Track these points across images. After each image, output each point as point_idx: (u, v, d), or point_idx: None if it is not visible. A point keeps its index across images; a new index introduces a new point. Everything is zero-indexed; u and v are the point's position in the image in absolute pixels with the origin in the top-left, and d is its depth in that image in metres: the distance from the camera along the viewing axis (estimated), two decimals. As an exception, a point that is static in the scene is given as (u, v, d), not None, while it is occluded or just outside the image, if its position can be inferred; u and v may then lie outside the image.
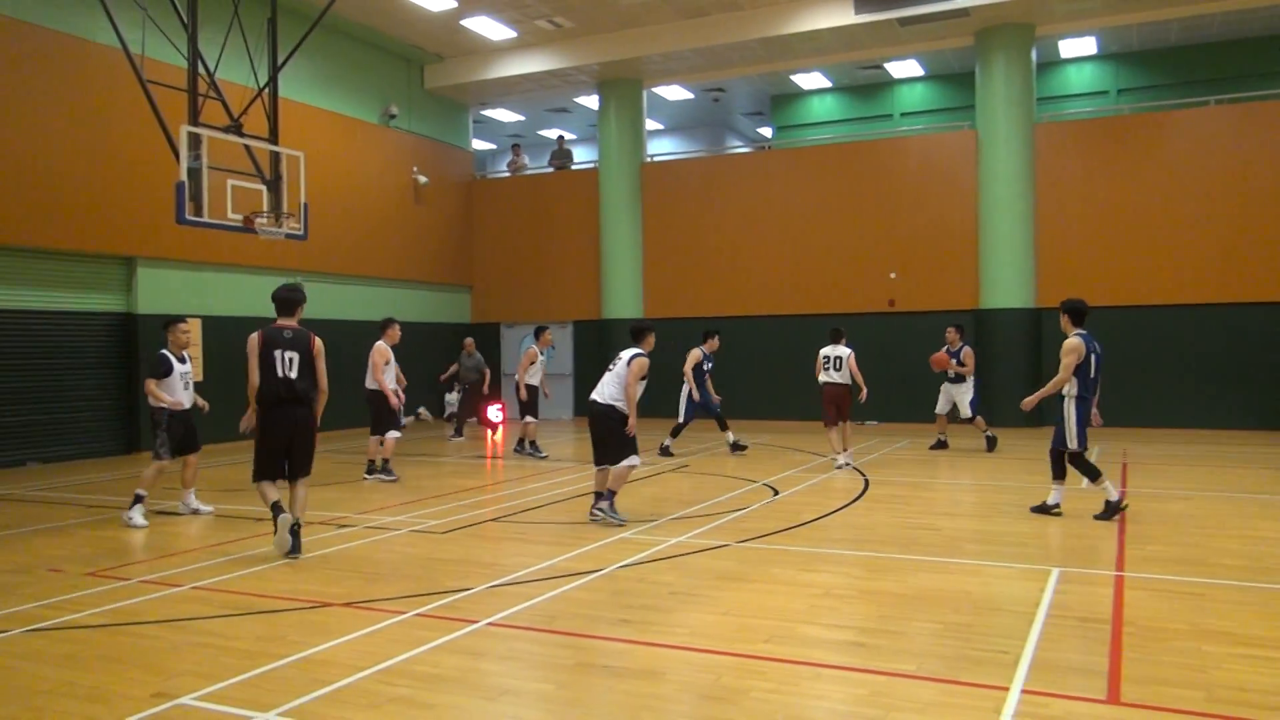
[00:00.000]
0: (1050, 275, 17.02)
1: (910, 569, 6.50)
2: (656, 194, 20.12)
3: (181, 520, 8.94)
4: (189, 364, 9.18)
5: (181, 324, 9.19)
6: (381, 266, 19.02)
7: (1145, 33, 18.62)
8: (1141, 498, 9.39)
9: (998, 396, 16.99)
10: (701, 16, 17.73)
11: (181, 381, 9.02)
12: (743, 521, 8.36)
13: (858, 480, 10.80)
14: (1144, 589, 5.91)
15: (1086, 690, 4.14)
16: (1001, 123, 17.02)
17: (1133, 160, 16.76)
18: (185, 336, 9.12)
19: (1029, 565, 6.61)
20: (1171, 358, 16.39)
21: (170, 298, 14.88)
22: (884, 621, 5.25)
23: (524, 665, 4.72)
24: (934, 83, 21.84)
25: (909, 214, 18.08)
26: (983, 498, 9.59)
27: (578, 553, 7.12)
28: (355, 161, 18.37)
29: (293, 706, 4.08)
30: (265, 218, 11.13)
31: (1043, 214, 17.14)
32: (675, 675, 4.45)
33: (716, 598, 5.81)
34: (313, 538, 7.82)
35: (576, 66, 19.07)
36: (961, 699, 4.07)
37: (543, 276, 21.18)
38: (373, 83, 19.02)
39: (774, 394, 18.62)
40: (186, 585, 6.30)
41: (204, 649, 4.90)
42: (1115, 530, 7.76)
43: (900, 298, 18.10)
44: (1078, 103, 20.12)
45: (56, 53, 13.21)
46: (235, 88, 12.03)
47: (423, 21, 17.84)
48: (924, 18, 16.36)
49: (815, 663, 4.59)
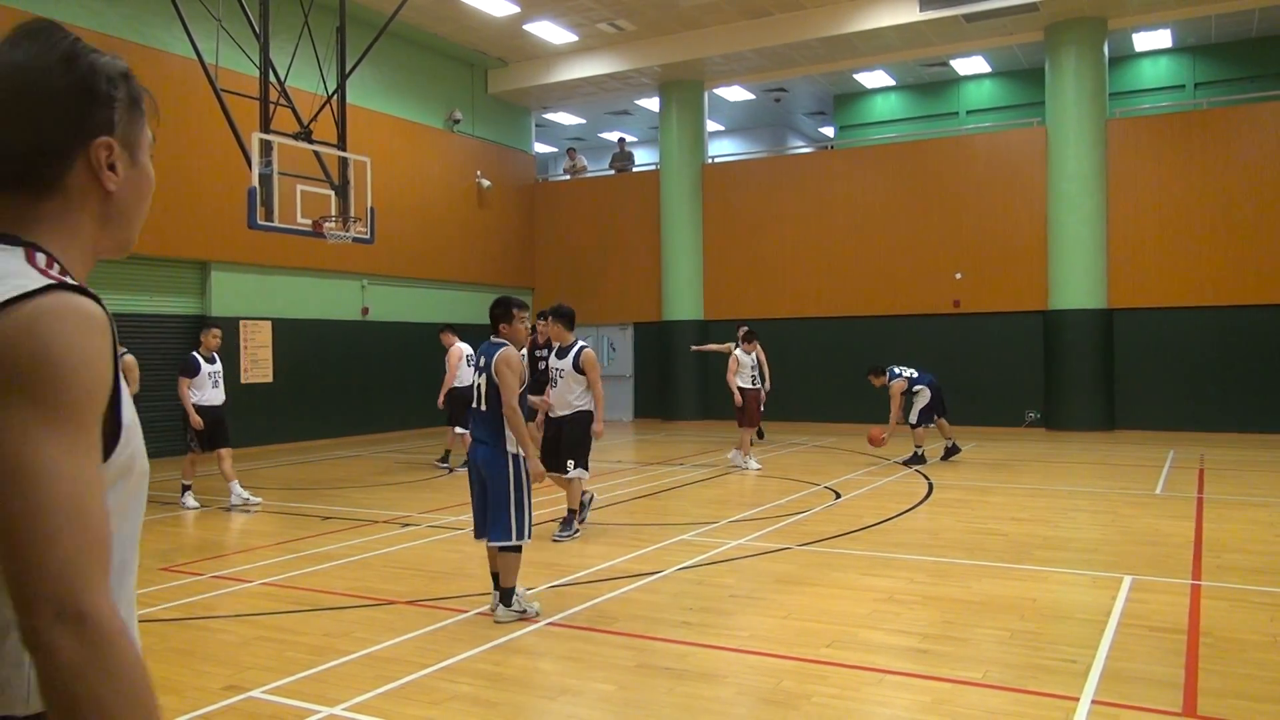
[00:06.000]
0: (1122, 275, 16.57)
1: (975, 574, 6.38)
2: (717, 195, 20.07)
3: (251, 518, 9.18)
4: (218, 363, 9.88)
5: (214, 329, 10.00)
6: (445, 269, 19.28)
7: (1224, 24, 18.02)
8: (1219, 504, 9.09)
9: (1067, 399, 16.62)
10: (763, 17, 17.63)
11: (210, 380, 9.74)
12: (804, 524, 8.29)
13: (921, 484, 10.64)
14: (1221, 598, 5.72)
15: (1160, 702, 4.02)
16: (1072, 119, 16.62)
17: (1210, 156, 16.23)
18: (215, 340, 9.89)
19: (1100, 572, 6.44)
20: (1252, 360, 15.82)
21: (242, 301, 15.28)
22: (948, 628, 5.17)
23: (584, 665, 4.74)
24: (1001, 79, 21.42)
25: (975, 213, 17.76)
26: (1051, 502, 9.37)
27: (638, 554, 7.14)
28: (420, 166, 18.66)
29: (358, 701, 4.16)
30: (333, 222, 11.37)
31: (1115, 212, 16.70)
32: (735, 678, 4.44)
33: (777, 601, 5.77)
34: (377, 536, 7.97)
35: (637, 69, 19.12)
36: (1029, 708, 3.98)
37: (604, 278, 21.27)
38: (437, 88, 19.30)
39: (837, 397, 18.43)
40: (256, 581, 6.46)
41: (273, 644, 5.02)
42: (1191, 538, 7.53)
43: (966, 299, 17.79)
44: (1152, 97, 19.55)
45: (136, 64, 13.28)
46: (305, 95, 12.32)
47: (486, 27, 18.05)
48: (991, 13, 16.04)
49: (877, 668, 4.54)
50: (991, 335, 17.47)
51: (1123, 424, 16.48)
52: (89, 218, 1.25)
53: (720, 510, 9.07)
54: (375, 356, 17.41)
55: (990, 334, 17.46)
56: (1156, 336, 16.34)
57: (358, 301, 17.35)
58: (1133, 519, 8.39)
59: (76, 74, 1.20)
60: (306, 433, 15.93)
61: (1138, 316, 16.48)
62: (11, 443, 1.04)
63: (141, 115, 1.30)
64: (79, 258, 1.25)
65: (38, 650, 1.03)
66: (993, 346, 17.47)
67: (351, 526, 8.46)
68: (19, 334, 1.06)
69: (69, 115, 1.20)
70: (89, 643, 1.03)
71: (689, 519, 8.57)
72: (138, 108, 1.29)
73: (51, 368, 1.07)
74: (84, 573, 1.04)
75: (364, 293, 17.44)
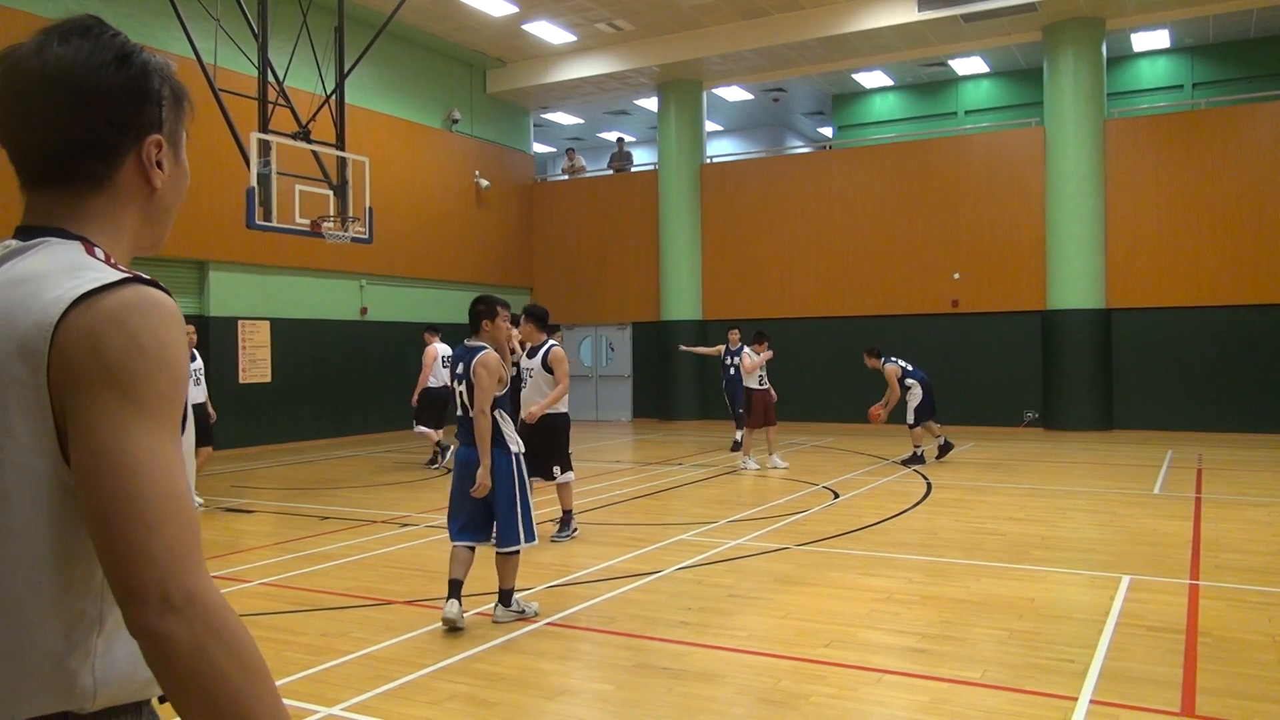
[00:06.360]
0: (1120, 275, 16.59)
1: (974, 574, 6.38)
2: (716, 195, 20.07)
3: (250, 518, 9.17)
4: (198, 360, 9.68)
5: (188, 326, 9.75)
6: (444, 269, 19.28)
7: (1222, 24, 18.04)
8: (1217, 504, 9.10)
9: (1065, 399, 16.63)
10: (761, 17, 17.63)
11: (192, 378, 9.52)
12: (802, 524, 8.30)
13: (920, 484, 10.64)
14: (1219, 598, 5.72)
15: (1159, 702, 4.02)
16: (1070, 119, 16.63)
17: (1209, 156, 16.25)
18: (191, 337, 9.79)
19: (1098, 572, 6.44)
20: (1250, 360, 15.84)
21: (240, 300, 15.27)
22: (946, 627, 5.17)
23: (583, 665, 4.74)
24: (999, 79, 21.44)
25: (973, 213, 17.77)
26: (1049, 502, 9.37)
27: (637, 554, 7.14)
28: (418, 166, 18.65)
29: (356, 702, 4.16)
30: (331, 222, 11.37)
31: (1113, 212, 16.71)
32: (734, 678, 4.44)
33: (776, 601, 5.77)
34: (375, 536, 7.96)
35: (636, 69, 19.11)
36: (1027, 708, 3.99)
37: (602, 278, 21.27)
38: (436, 88, 19.30)
39: (835, 397, 18.43)
40: (255, 581, 6.46)
41: (271, 643, 5.02)
42: (1189, 537, 7.54)
43: (964, 299, 17.80)
44: (1151, 98, 19.57)
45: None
46: (303, 95, 12.31)
47: (485, 27, 18.05)
48: (989, 13, 16.04)
49: (876, 668, 4.54)
50: (990, 335, 17.48)
51: (1121, 424, 16.49)
52: (134, 214, 1.28)
53: (719, 510, 9.07)
54: (374, 356, 17.40)
55: (988, 334, 17.47)
56: (1154, 336, 16.35)
57: (356, 301, 17.35)
58: (1131, 519, 8.40)
59: (131, 73, 1.22)
60: (305, 432, 15.92)
61: (1136, 316, 16.50)
62: (109, 434, 1.06)
63: (184, 113, 1.32)
64: (123, 254, 1.27)
65: (152, 637, 1.05)
66: (991, 346, 17.48)
67: (350, 526, 8.46)
68: (108, 326, 1.08)
69: (123, 114, 1.22)
70: (203, 621, 1.05)
71: (688, 519, 8.57)
72: (180, 105, 1.31)
73: (142, 359, 1.09)
74: (187, 556, 1.07)
75: (362, 293, 17.44)
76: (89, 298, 1.09)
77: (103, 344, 1.08)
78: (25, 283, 1.13)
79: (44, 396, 1.09)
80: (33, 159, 1.22)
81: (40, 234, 1.20)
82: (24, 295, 1.11)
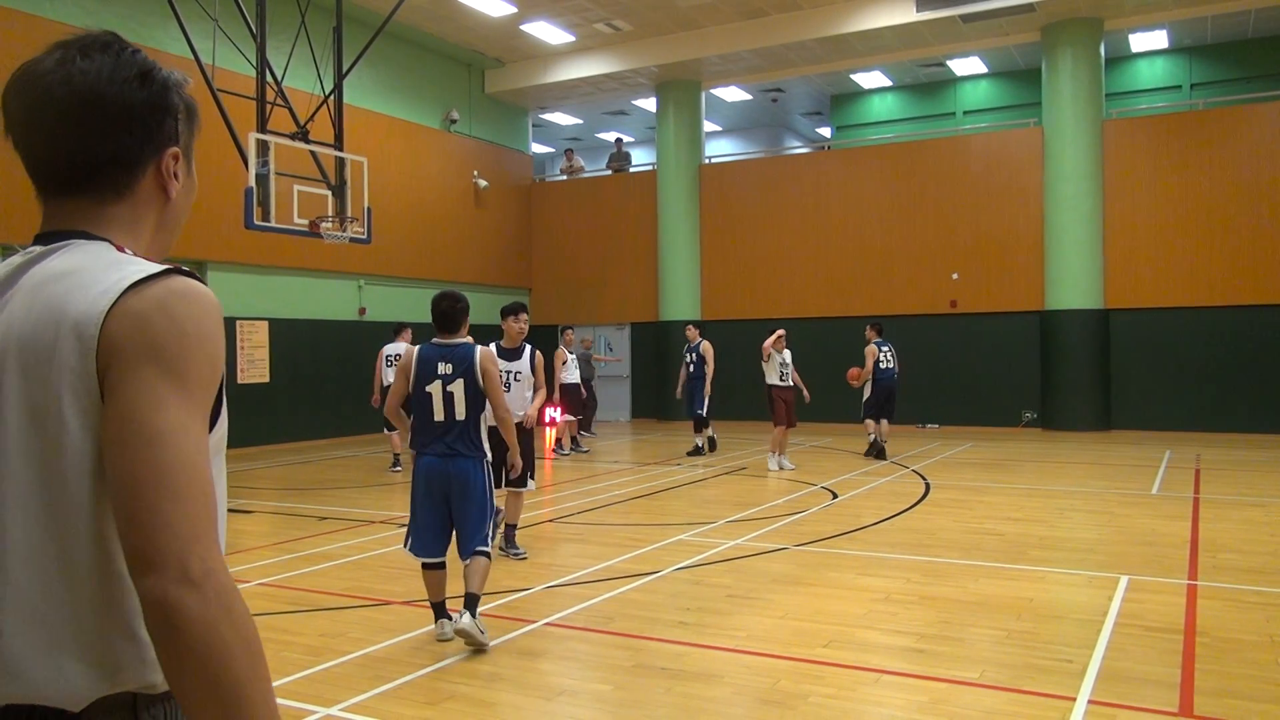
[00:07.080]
0: (1119, 275, 16.60)
1: (972, 574, 6.39)
2: (714, 195, 20.07)
3: (249, 518, 9.17)
4: None
5: None
6: (442, 269, 19.27)
7: (1220, 25, 18.05)
8: (1215, 504, 9.11)
9: (1063, 399, 16.64)
10: (760, 17, 17.64)
11: None
12: (801, 524, 8.30)
13: (918, 484, 10.65)
14: (1217, 598, 5.73)
15: (1157, 702, 4.03)
16: (1068, 119, 16.64)
17: (1207, 156, 16.26)
18: None
19: (1096, 572, 6.45)
20: (1248, 360, 15.85)
21: (239, 301, 15.26)
22: (944, 628, 5.17)
23: (581, 666, 4.74)
24: (998, 80, 21.45)
25: (972, 213, 17.79)
26: (1048, 502, 9.38)
27: (635, 554, 7.14)
28: (417, 166, 18.65)
29: (355, 702, 4.16)
30: (330, 222, 11.37)
31: (1111, 212, 16.72)
32: (732, 678, 4.44)
33: (774, 601, 5.78)
34: (373, 537, 7.96)
35: (634, 69, 19.12)
36: (1025, 708, 3.99)
37: (601, 278, 21.27)
38: (434, 88, 19.29)
39: (834, 397, 18.42)
40: (254, 582, 6.45)
41: (270, 644, 5.01)
42: (1187, 538, 7.55)
43: (963, 299, 17.81)
44: (1149, 98, 19.58)
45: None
46: (302, 95, 12.30)
47: (483, 27, 18.04)
48: (988, 14, 16.06)
49: (874, 668, 4.54)
50: (988, 335, 17.49)
51: (1119, 424, 16.50)
52: (151, 221, 1.35)
53: (717, 510, 9.08)
54: (372, 356, 17.31)
55: (987, 334, 17.49)
56: (1153, 336, 16.36)
57: (355, 301, 17.34)
58: (1129, 519, 8.40)
59: (154, 89, 1.29)
60: (304, 433, 15.91)
61: (1134, 317, 16.51)
62: (146, 406, 1.12)
63: (196, 126, 1.39)
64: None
65: (165, 607, 1.07)
66: (989, 347, 17.49)
67: (348, 527, 8.45)
68: (154, 310, 1.15)
69: (146, 128, 1.28)
70: (217, 597, 1.08)
71: (686, 519, 8.57)
72: (193, 119, 1.38)
73: (185, 340, 1.16)
74: (206, 531, 1.11)
75: (361, 293, 17.43)
76: (136, 287, 1.15)
77: (149, 325, 1.14)
78: (68, 276, 1.18)
79: (93, 384, 1.14)
80: (57, 170, 1.27)
81: (64, 238, 1.26)
82: (70, 288, 1.17)
